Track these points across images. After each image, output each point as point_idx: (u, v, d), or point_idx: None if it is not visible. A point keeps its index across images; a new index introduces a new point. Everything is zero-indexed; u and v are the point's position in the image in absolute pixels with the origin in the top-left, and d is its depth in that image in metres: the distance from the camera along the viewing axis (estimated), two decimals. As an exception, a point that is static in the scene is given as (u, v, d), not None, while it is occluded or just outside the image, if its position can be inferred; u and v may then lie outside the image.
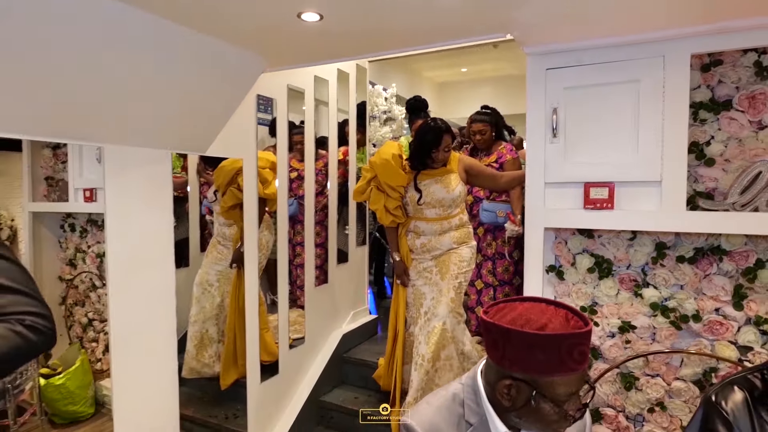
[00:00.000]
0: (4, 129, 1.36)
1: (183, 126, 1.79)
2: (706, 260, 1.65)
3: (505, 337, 0.89)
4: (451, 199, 2.38)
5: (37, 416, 2.30)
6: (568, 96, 1.62)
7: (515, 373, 0.89)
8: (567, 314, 0.90)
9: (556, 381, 0.86)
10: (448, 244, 2.41)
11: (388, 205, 2.42)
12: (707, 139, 1.63)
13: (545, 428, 0.89)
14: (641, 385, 1.76)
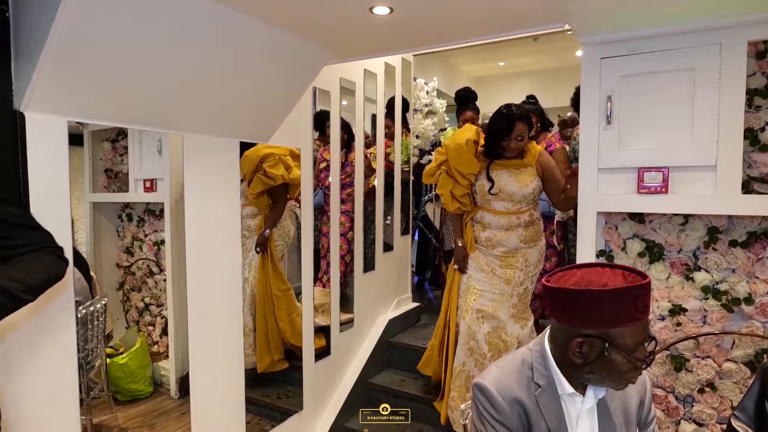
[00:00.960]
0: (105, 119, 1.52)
1: (251, 116, 1.93)
2: (759, 244, 1.67)
3: (573, 298, 0.97)
4: (522, 195, 2.25)
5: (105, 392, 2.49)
6: (622, 84, 1.67)
7: (586, 329, 0.96)
8: (623, 273, 0.98)
9: (625, 331, 0.93)
10: (515, 243, 2.29)
11: (456, 191, 2.34)
12: (761, 126, 1.65)
13: (618, 379, 0.97)
14: (691, 366, 1.80)
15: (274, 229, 2.66)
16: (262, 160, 2.39)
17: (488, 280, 2.32)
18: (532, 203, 2.32)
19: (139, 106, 1.54)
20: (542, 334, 1.12)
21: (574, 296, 0.96)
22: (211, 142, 1.86)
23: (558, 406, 1.04)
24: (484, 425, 1.04)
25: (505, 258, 2.31)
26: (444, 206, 2.43)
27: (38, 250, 1.01)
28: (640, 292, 0.93)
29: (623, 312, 0.93)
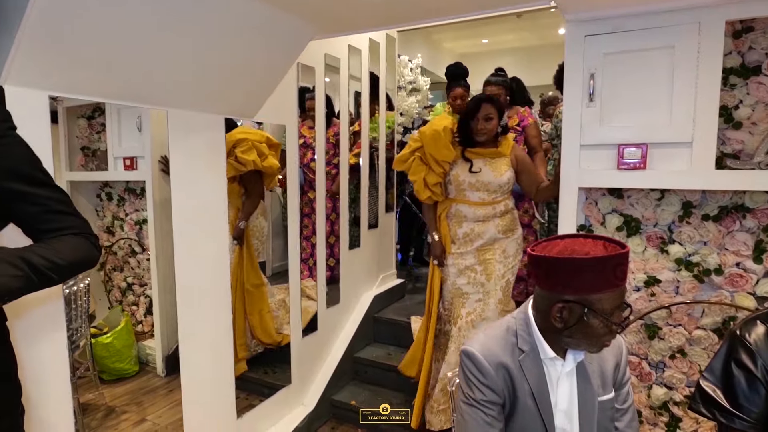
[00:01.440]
0: (87, 93, 1.49)
1: (237, 91, 1.91)
2: (729, 218, 1.76)
3: (556, 266, 1.02)
4: (498, 184, 2.22)
5: (90, 372, 2.49)
6: (605, 62, 1.71)
7: (567, 295, 1.02)
8: (604, 243, 1.04)
9: (603, 297, 0.99)
10: (492, 233, 2.26)
11: (429, 179, 2.28)
12: (736, 104, 1.72)
13: (594, 342, 1.03)
14: (664, 335, 1.89)
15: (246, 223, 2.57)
16: (235, 145, 2.31)
17: (471, 281, 2.29)
18: (507, 193, 2.30)
19: (122, 80, 1.51)
20: (526, 303, 1.17)
21: (558, 264, 1.01)
22: (196, 117, 1.84)
23: (540, 370, 1.10)
24: (471, 389, 1.09)
25: (484, 253, 2.28)
26: (416, 194, 2.37)
27: (74, 234, 1.02)
28: (620, 260, 0.98)
29: (602, 279, 0.98)
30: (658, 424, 1.95)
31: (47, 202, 1.00)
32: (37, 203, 0.98)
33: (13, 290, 0.87)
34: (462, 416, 1.11)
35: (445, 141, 2.24)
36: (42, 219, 0.99)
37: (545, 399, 1.09)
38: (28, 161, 1.01)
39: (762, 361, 1.16)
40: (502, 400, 1.09)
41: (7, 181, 0.95)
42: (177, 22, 1.47)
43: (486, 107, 2.19)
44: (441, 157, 2.24)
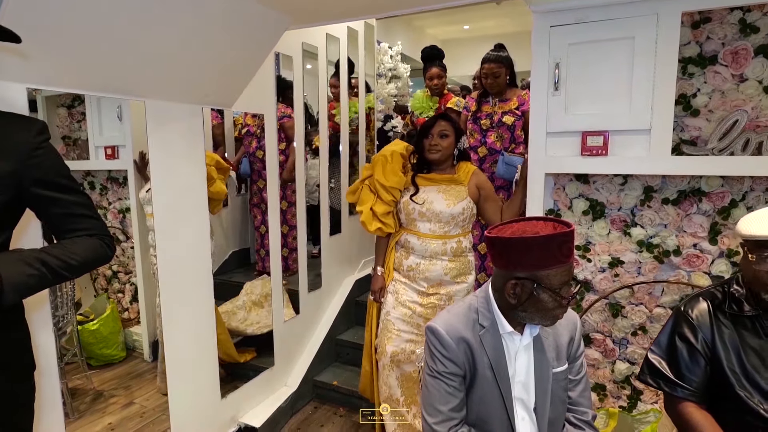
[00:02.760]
0: (65, 85, 1.52)
1: (214, 81, 1.94)
2: (687, 201, 1.85)
3: (508, 246, 1.10)
4: (450, 214, 1.99)
5: (78, 357, 2.54)
6: (569, 52, 1.77)
7: (519, 272, 1.10)
8: (554, 224, 1.11)
9: (551, 273, 1.07)
10: (438, 274, 2.03)
11: (377, 209, 2.06)
12: (694, 92, 1.80)
13: (546, 316, 1.11)
14: (627, 313, 2.00)
15: None
16: None
17: (407, 320, 2.07)
18: (461, 228, 2.05)
19: (99, 71, 1.54)
20: (486, 283, 1.25)
21: (509, 244, 1.09)
22: (174, 108, 1.87)
23: (499, 344, 1.18)
24: (434, 362, 1.17)
25: (428, 296, 2.06)
26: (363, 227, 2.12)
27: (89, 236, 1.12)
28: (565, 239, 1.06)
29: (550, 256, 1.06)
30: (621, 397, 2.07)
31: (71, 207, 1.12)
32: (62, 207, 1.11)
33: (30, 287, 0.99)
34: (426, 387, 1.20)
35: (393, 166, 2.06)
36: (65, 221, 1.11)
37: (503, 371, 1.18)
38: (58, 170, 1.12)
39: (702, 335, 1.26)
40: (463, 372, 1.17)
41: (38, 188, 1.07)
42: (153, 14, 1.50)
43: (442, 124, 2.04)
44: (388, 182, 2.04)
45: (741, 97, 1.74)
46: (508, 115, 2.72)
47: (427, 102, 3.34)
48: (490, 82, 2.68)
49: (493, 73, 2.66)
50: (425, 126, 2.07)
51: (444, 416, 1.15)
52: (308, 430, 2.54)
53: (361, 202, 2.12)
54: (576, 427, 1.25)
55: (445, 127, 2.05)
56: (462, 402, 1.18)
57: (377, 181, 2.06)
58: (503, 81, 2.69)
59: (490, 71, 2.66)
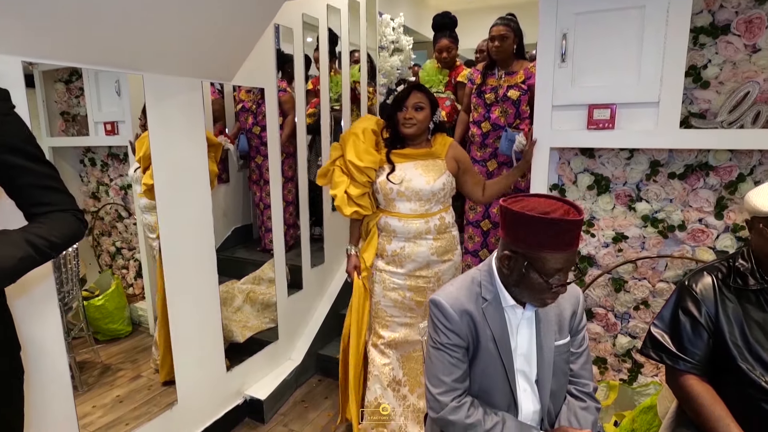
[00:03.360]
0: (61, 58, 1.49)
1: (213, 54, 1.90)
2: (694, 176, 1.83)
3: (513, 219, 1.09)
4: (430, 191, 1.89)
5: (85, 332, 2.57)
6: (577, 22, 1.73)
7: (515, 247, 1.09)
8: (568, 208, 1.08)
9: (546, 257, 1.05)
10: (425, 256, 1.94)
11: (352, 191, 1.92)
12: (704, 63, 1.76)
13: (533, 297, 1.11)
14: (629, 288, 2.00)
15: None
16: None
17: (398, 305, 2.00)
18: (443, 204, 1.97)
19: (96, 44, 1.51)
20: (490, 257, 1.25)
21: (515, 217, 1.08)
22: (173, 82, 1.84)
23: (501, 317, 1.18)
24: (438, 334, 1.18)
25: (416, 278, 1.97)
26: (338, 210, 1.98)
27: (61, 211, 1.10)
28: (569, 227, 1.03)
29: (547, 240, 1.04)
30: (621, 370, 2.09)
31: (42, 179, 1.08)
32: (32, 177, 1.07)
33: (21, 270, 0.98)
34: (430, 359, 1.21)
35: (365, 144, 1.91)
36: (35, 194, 1.08)
37: (506, 343, 1.18)
38: (26, 138, 1.08)
39: (706, 309, 1.25)
40: (466, 344, 1.18)
41: (6, 155, 1.03)
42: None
43: (417, 95, 1.90)
44: (363, 163, 1.89)
45: (753, 69, 1.69)
46: (513, 90, 2.64)
47: (437, 74, 3.23)
48: (497, 45, 2.56)
49: (501, 35, 2.54)
50: (398, 98, 1.93)
51: (448, 387, 1.16)
52: (312, 402, 2.59)
53: (334, 185, 1.96)
54: (577, 399, 1.26)
55: (420, 99, 1.91)
56: (465, 373, 1.19)
57: (349, 162, 1.90)
58: (510, 47, 2.57)
59: (498, 33, 2.55)
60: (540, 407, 1.23)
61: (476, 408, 1.17)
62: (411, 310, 2.01)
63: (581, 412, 1.23)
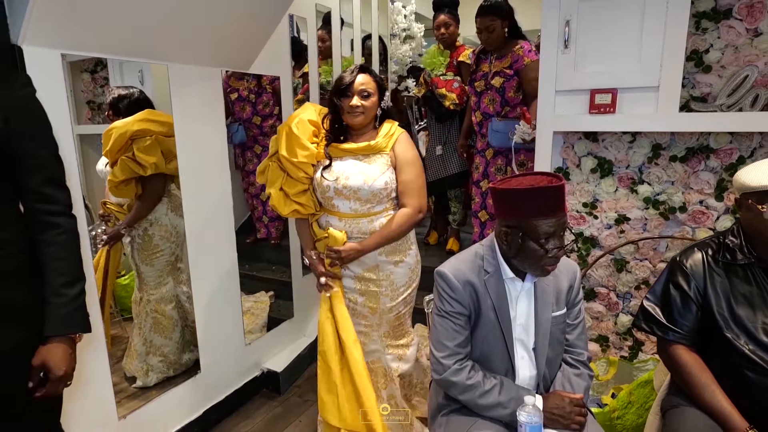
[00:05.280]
0: (95, 50, 1.60)
1: (231, 44, 2.00)
2: (695, 158, 1.88)
3: (503, 196, 1.19)
4: (369, 192, 1.68)
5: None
6: (580, 8, 1.78)
7: (510, 221, 1.19)
8: (550, 178, 1.17)
9: (537, 223, 1.14)
10: (372, 256, 1.74)
11: (288, 188, 1.74)
12: (706, 47, 1.80)
13: (534, 265, 1.19)
14: (631, 268, 2.07)
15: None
16: (133, 137, 1.96)
17: (351, 310, 1.79)
18: (389, 202, 1.75)
19: (126, 37, 1.62)
20: (492, 233, 1.34)
21: (505, 194, 1.18)
22: (194, 71, 1.95)
23: (501, 288, 1.28)
24: (442, 302, 1.28)
25: (365, 282, 1.78)
26: (275, 210, 1.80)
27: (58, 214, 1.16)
28: (553, 192, 1.13)
29: (536, 208, 1.13)
30: (623, 348, 2.17)
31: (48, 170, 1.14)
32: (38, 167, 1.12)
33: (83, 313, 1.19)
34: (435, 326, 1.31)
35: (298, 138, 1.71)
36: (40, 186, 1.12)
37: (505, 313, 1.28)
38: (42, 123, 1.15)
39: (695, 283, 1.33)
40: (468, 312, 1.28)
41: (25, 140, 1.09)
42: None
43: (363, 78, 1.69)
44: (296, 157, 1.70)
45: (755, 52, 1.73)
46: (498, 77, 2.56)
47: (438, 56, 3.17)
48: (484, 37, 2.50)
49: (486, 27, 2.46)
50: (341, 84, 1.69)
51: (450, 351, 1.27)
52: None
53: (270, 182, 1.78)
54: (572, 366, 1.35)
55: (367, 84, 1.69)
56: (467, 339, 1.29)
57: (282, 156, 1.72)
58: (499, 35, 2.48)
59: (482, 26, 2.46)
60: (536, 373, 1.32)
61: (476, 371, 1.27)
62: (365, 318, 1.81)
63: (575, 379, 1.33)
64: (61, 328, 1.13)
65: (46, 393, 1.12)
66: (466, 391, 1.25)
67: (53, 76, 1.45)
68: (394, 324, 1.83)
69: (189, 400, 2.10)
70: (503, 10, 2.47)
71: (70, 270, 1.15)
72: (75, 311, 1.14)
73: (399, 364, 1.87)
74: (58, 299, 1.12)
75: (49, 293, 1.12)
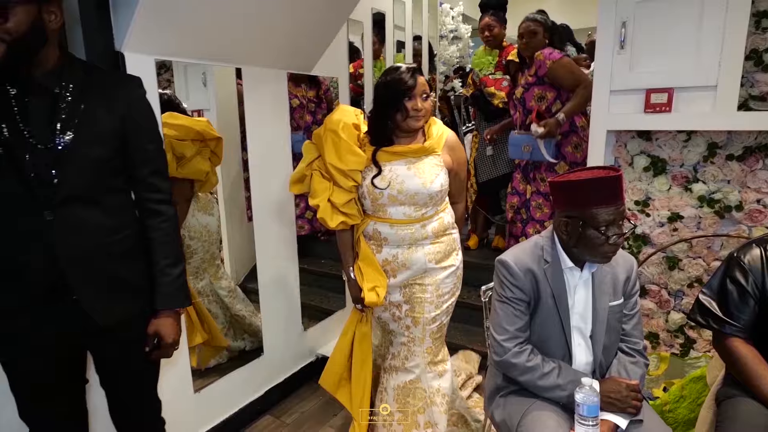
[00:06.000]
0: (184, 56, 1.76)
1: (297, 48, 2.15)
2: (753, 157, 1.89)
3: (563, 188, 1.27)
4: (428, 195, 1.63)
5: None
6: (636, 9, 1.82)
7: (569, 211, 1.27)
8: (607, 170, 1.25)
9: (596, 212, 1.21)
10: (422, 263, 1.69)
11: (336, 199, 1.66)
12: (766, 47, 1.80)
13: (594, 252, 1.26)
14: (683, 266, 2.09)
15: None
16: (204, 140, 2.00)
17: (395, 319, 1.76)
18: (440, 204, 1.72)
19: (210, 43, 1.78)
20: (551, 226, 1.41)
21: (565, 186, 1.26)
22: (264, 73, 2.10)
23: (561, 277, 1.35)
24: (503, 289, 1.37)
25: (411, 287, 1.72)
26: (322, 222, 1.70)
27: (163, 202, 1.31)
28: (612, 182, 1.21)
29: (596, 197, 1.21)
30: (674, 345, 2.18)
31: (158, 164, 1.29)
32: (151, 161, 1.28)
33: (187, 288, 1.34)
34: (496, 311, 1.40)
35: (347, 143, 1.63)
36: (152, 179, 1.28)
37: (564, 301, 1.35)
38: (153, 122, 1.31)
39: (753, 278, 1.36)
40: (528, 299, 1.36)
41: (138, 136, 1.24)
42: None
43: (423, 81, 1.62)
44: (347, 165, 1.62)
45: (816, 51, 1.73)
46: (521, 87, 2.62)
47: (485, 56, 3.21)
48: (525, 41, 2.54)
49: (530, 31, 2.50)
50: (403, 85, 1.59)
51: (510, 334, 1.35)
52: (375, 366, 2.84)
53: (314, 193, 1.69)
54: (627, 354, 1.41)
55: (425, 86, 1.64)
56: (526, 324, 1.37)
57: (330, 165, 1.63)
58: (540, 43, 2.52)
59: (526, 29, 2.52)
60: (592, 360, 1.39)
61: (536, 354, 1.35)
62: (407, 329, 1.74)
63: (630, 366, 1.38)
64: (170, 304, 1.29)
65: (159, 355, 1.29)
66: (526, 372, 1.33)
67: (148, 79, 1.61)
68: (435, 336, 1.75)
69: (253, 380, 2.26)
70: (547, 22, 2.55)
71: (173, 252, 1.31)
72: (179, 289, 1.30)
73: (440, 382, 1.77)
74: (165, 278, 1.28)
75: (157, 272, 1.28)
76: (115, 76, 1.37)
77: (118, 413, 1.37)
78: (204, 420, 2.03)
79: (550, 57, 2.45)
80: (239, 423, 2.18)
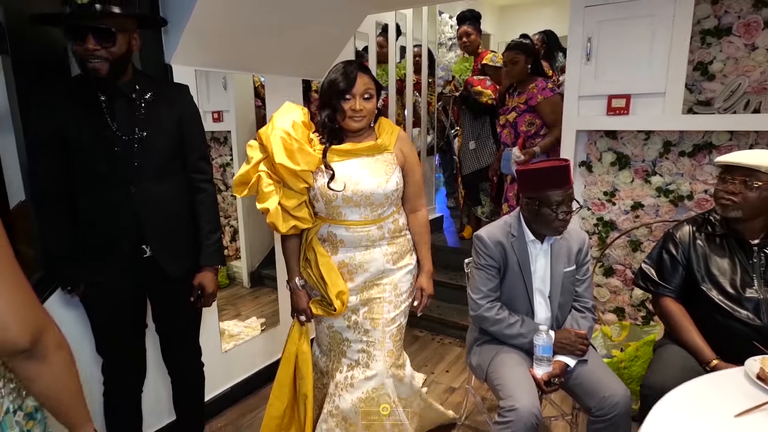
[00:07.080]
0: (218, 66, 2.11)
1: (310, 58, 2.48)
2: (701, 153, 2.21)
3: (524, 175, 1.61)
4: (383, 195, 1.58)
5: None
6: (600, 27, 2.14)
7: (528, 193, 1.60)
8: (559, 161, 1.58)
9: (549, 194, 1.53)
10: (379, 264, 1.65)
11: (287, 203, 1.55)
12: (710, 59, 2.12)
13: (548, 226, 1.58)
14: (644, 248, 2.41)
15: None
16: None
17: (352, 325, 1.68)
18: (396, 205, 1.67)
19: (239, 57, 2.12)
20: (518, 207, 1.74)
21: (526, 174, 1.59)
22: (282, 80, 2.44)
23: (524, 248, 1.68)
24: (479, 258, 1.70)
25: (368, 290, 1.67)
26: (271, 227, 1.59)
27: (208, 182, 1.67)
28: (560, 170, 1.53)
29: (548, 182, 1.54)
30: (637, 318, 2.50)
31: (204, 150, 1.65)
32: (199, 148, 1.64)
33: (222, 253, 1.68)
34: (473, 276, 1.73)
35: (300, 143, 1.53)
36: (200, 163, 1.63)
37: (527, 268, 1.68)
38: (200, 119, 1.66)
39: (682, 249, 1.69)
40: (498, 266, 1.69)
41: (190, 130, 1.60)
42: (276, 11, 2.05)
43: (364, 79, 1.54)
44: (300, 166, 1.52)
45: (751, 64, 2.05)
46: (513, 112, 2.84)
47: (463, 63, 3.56)
48: (508, 69, 2.77)
49: (511, 60, 2.72)
50: (341, 84, 1.53)
51: (484, 294, 1.68)
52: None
53: (263, 197, 1.56)
54: (579, 311, 1.74)
55: (369, 85, 1.56)
56: (497, 286, 1.70)
57: (281, 165, 1.50)
58: (522, 69, 2.74)
59: (508, 59, 2.74)
60: (551, 315, 1.71)
61: (503, 310, 1.69)
62: (366, 333, 1.67)
63: (581, 320, 1.71)
64: (211, 261, 1.64)
65: (202, 304, 1.64)
66: (495, 324, 1.67)
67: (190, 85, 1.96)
68: (395, 339, 1.69)
69: (270, 347, 2.60)
70: (529, 48, 2.76)
71: (214, 221, 1.66)
72: (217, 251, 1.65)
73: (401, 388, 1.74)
74: (207, 241, 1.63)
75: (202, 236, 1.63)
76: (172, 85, 1.72)
77: (169, 353, 1.72)
78: (230, 376, 2.38)
79: (543, 93, 2.70)
80: (259, 382, 2.53)
